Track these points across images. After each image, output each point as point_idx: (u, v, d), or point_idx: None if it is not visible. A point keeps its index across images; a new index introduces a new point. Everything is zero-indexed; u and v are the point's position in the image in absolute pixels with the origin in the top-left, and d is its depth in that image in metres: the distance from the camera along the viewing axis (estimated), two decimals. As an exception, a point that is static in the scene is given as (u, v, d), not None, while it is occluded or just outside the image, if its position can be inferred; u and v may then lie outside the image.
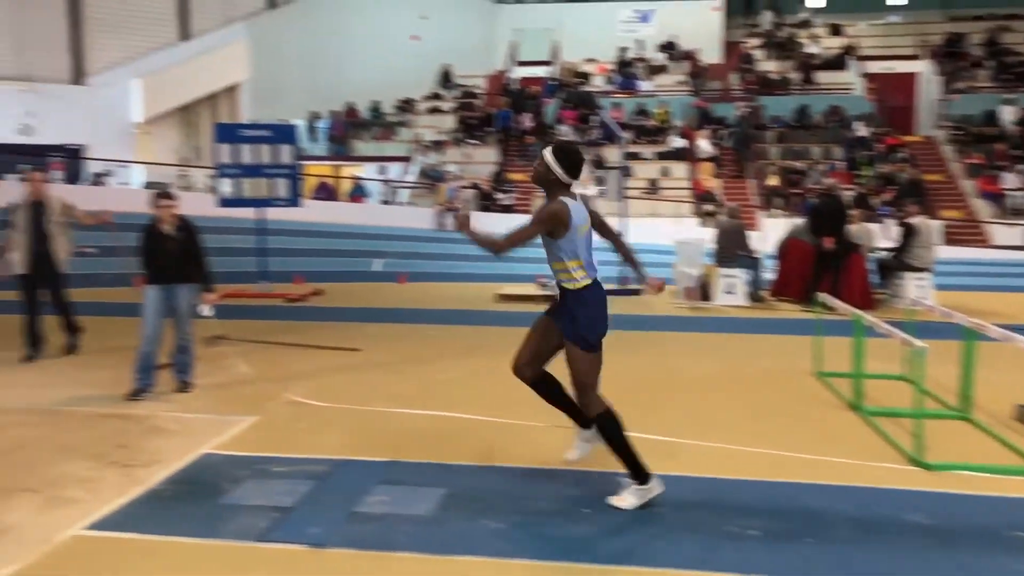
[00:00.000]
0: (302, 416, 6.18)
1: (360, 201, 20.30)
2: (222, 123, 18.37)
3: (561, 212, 4.24)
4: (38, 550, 3.82)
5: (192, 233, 6.80)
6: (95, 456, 5.14)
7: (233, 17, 22.95)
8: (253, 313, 10.87)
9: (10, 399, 6.54)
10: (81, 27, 20.86)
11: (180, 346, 6.79)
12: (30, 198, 8.10)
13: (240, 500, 4.47)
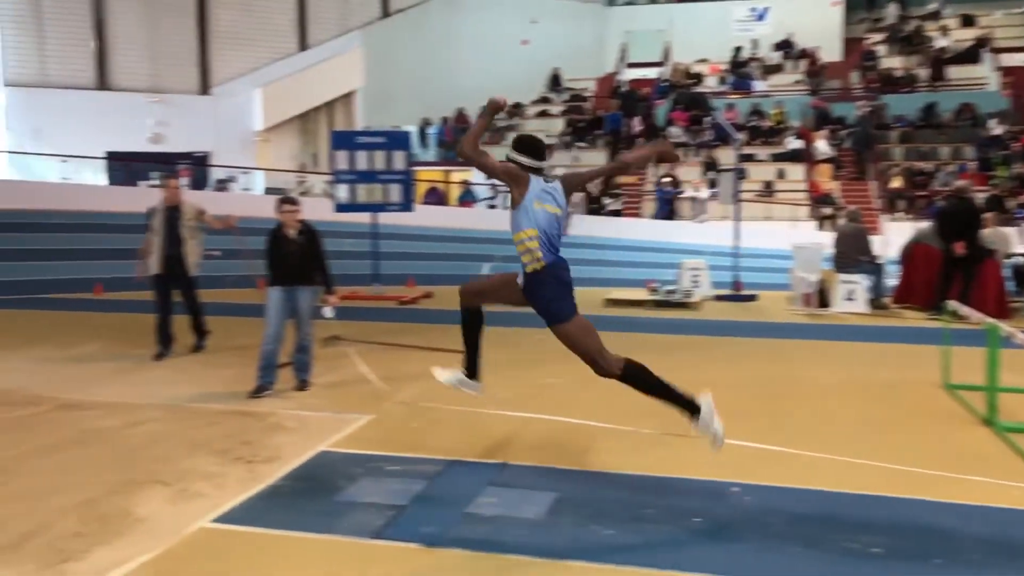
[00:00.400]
0: (414, 416, 6.29)
1: (470, 206, 20.53)
2: (338, 130, 18.93)
3: (518, 172, 4.57)
4: (169, 540, 4.02)
5: (314, 237, 7.03)
6: (220, 452, 5.37)
7: (349, 26, 23.65)
8: (367, 315, 11.14)
9: (145, 396, 6.91)
10: (208, 41, 21.92)
11: (300, 346, 7.03)
12: (166, 203, 8.59)
13: (356, 497, 4.58)
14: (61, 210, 16.64)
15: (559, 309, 4.72)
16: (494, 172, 4.66)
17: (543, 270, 4.68)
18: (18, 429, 5.92)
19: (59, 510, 4.34)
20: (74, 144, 19.23)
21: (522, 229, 4.61)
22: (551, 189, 4.66)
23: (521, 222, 4.61)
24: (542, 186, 4.63)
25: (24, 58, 19.67)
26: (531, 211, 4.58)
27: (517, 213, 4.62)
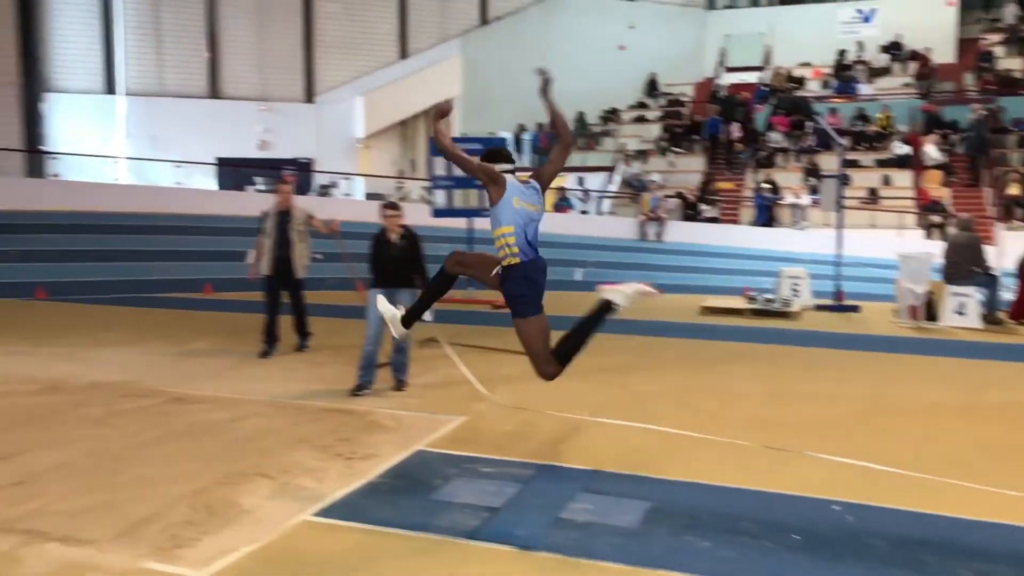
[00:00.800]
0: (507, 419, 6.34)
1: (565, 211, 20.52)
2: (436, 137, 19.26)
3: (495, 172, 4.75)
4: (273, 532, 4.16)
5: (415, 241, 7.18)
6: (322, 447, 5.52)
7: (448, 35, 24.04)
8: (460, 318, 11.29)
9: (250, 392, 7.18)
10: (313, 50, 22.64)
11: (398, 347, 7.18)
12: (278, 207, 8.94)
13: (451, 497, 4.65)
14: (174, 213, 17.46)
15: (522, 306, 4.96)
16: (472, 169, 4.76)
17: (517, 267, 4.86)
18: (134, 420, 6.23)
19: (171, 498, 4.55)
20: (187, 150, 20.16)
21: (501, 226, 4.78)
22: (529, 188, 4.89)
23: (500, 219, 4.78)
24: (520, 186, 4.83)
25: (143, 69, 20.72)
26: (510, 209, 4.77)
27: (496, 211, 4.78)
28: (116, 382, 7.41)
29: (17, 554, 3.86)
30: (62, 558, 3.82)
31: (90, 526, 4.15)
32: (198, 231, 16.99)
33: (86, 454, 5.38)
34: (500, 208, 4.77)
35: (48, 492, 4.64)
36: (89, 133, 20.21)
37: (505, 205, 4.76)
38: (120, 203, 17.47)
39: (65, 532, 4.07)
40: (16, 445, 5.51)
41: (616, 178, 22.48)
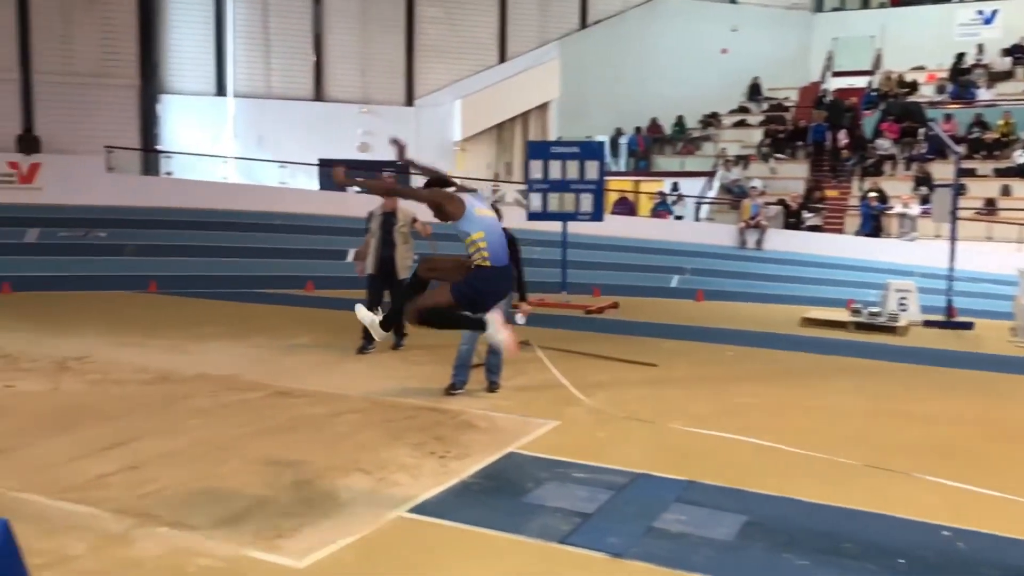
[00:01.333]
0: (600, 425, 6.29)
1: (664, 217, 20.21)
2: (534, 141, 19.31)
3: (449, 195, 4.86)
4: (369, 526, 4.24)
5: (513, 245, 7.20)
6: (416, 445, 5.61)
7: (547, 38, 24.06)
8: (553, 322, 11.28)
9: (348, 387, 7.35)
10: (414, 54, 23.02)
11: (493, 349, 7.21)
12: (384, 208, 9.19)
13: (543, 501, 4.64)
14: (278, 212, 18.06)
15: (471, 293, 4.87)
16: (423, 198, 4.89)
17: (488, 268, 4.86)
18: (240, 412, 6.46)
19: (273, 489, 4.69)
20: (291, 151, 20.78)
21: (472, 233, 4.83)
22: (479, 198, 5.04)
23: (469, 228, 4.83)
24: (472, 197, 4.96)
25: (251, 72, 21.46)
26: (475, 218, 4.85)
27: (462, 223, 4.82)
28: (222, 375, 7.70)
29: (130, 536, 4.05)
30: (171, 542, 3.98)
31: (197, 513, 4.32)
32: (301, 230, 17.53)
33: (194, 443, 5.60)
34: (465, 219, 4.82)
35: (159, 478, 4.85)
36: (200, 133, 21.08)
37: (469, 216, 4.83)
38: (228, 201, 18.17)
39: (174, 517, 4.25)
40: (131, 432, 5.79)
41: (715, 184, 22.07)
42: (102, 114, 19.31)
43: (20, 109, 18.57)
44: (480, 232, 4.82)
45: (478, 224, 4.84)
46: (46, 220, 16.07)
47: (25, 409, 6.33)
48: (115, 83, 19.60)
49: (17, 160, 17.06)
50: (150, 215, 16.92)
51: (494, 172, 24.09)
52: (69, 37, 19.04)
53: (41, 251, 15.38)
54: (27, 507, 4.33)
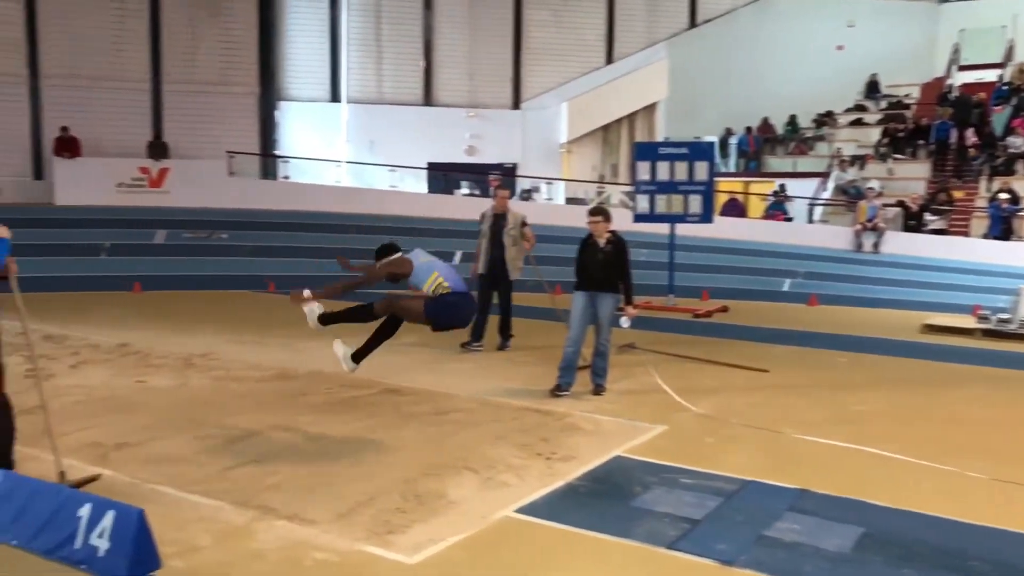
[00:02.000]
0: (709, 431, 6.19)
1: (779, 218, 19.59)
2: (641, 142, 19.14)
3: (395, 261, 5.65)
4: (477, 525, 4.31)
5: (622, 248, 7.18)
6: (522, 446, 5.65)
7: (655, 39, 23.80)
8: (660, 325, 11.15)
9: (453, 387, 7.47)
10: (521, 58, 23.18)
11: (598, 351, 7.21)
12: (495, 210, 9.36)
13: (650, 506, 4.61)
14: (387, 214, 18.51)
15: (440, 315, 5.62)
16: (378, 277, 5.68)
17: (449, 293, 5.59)
18: (350, 409, 6.67)
19: (384, 486, 4.82)
20: (401, 155, 21.26)
21: (427, 278, 5.58)
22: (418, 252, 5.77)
23: (425, 277, 5.57)
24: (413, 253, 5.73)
25: (364, 78, 22.07)
26: (424, 266, 5.62)
27: (414, 278, 5.59)
28: (334, 372, 7.92)
29: (252, 528, 4.23)
30: (289, 535, 4.15)
31: (313, 507, 4.48)
32: (409, 232, 17.89)
33: (309, 439, 5.81)
34: (416, 274, 5.59)
35: (278, 472, 5.06)
36: (315, 138, 21.83)
37: (419, 269, 5.60)
38: (341, 204, 18.75)
39: (292, 511, 4.42)
40: (252, 426, 6.05)
41: (829, 185, 21.33)
42: (225, 121, 20.28)
43: (150, 117, 19.69)
44: (435, 273, 5.58)
45: (428, 269, 5.60)
46: (173, 222, 16.96)
47: (155, 404, 6.70)
48: (237, 91, 20.53)
49: (148, 165, 18.07)
50: (268, 217, 17.64)
51: (600, 174, 23.99)
52: (195, 48, 20.07)
53: (168, 252, 16.24)
54: (159, 498, 4.59)
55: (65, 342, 9.29)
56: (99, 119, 18.83)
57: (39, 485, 4.10)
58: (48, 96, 18.74)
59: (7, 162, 18.03)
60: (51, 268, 13.58)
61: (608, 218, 7.29)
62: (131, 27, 19.50)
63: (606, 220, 7.24)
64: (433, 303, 5.57)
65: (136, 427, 6.02)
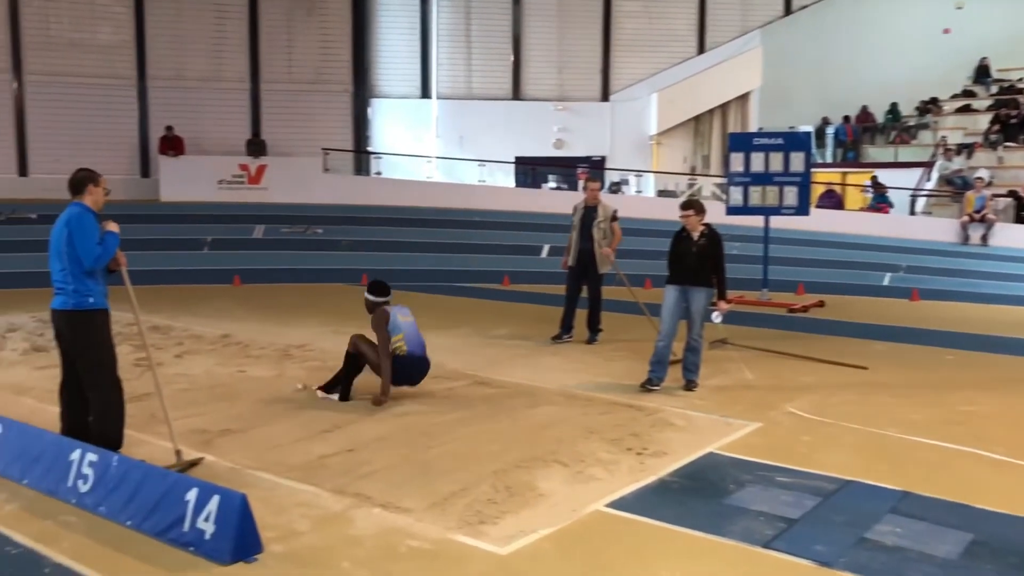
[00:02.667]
0: (805, 429, 6.03)
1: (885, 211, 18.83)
2: (735, 133, 18.74)
3: (380, 317, 6.59)
4: (567, 518, 4.31)
5: (715, 242, 7.05)
6: (612, 441, 5.62)
7: (748, 27, 23.25)
8: (753, 320, 10.92)
9: (543, 380, 7.48)
10: (611, 49, 22.99)
11: (690, 346, 7.10)
12: (586, 203, 9.34)
13: (744, 504, 4.52)
14: (476, 208, 18.67)
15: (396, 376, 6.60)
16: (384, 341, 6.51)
17: (404, 356, 6.55)
18: (442, 400, 6.75)
19: (476, 476, 4.87)
20: (490, 149, 21.39)
21: (394, 336, 6.51)
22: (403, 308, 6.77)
23: (393, 333, 6.52)
24: (399, 310, 6.67)
25: (454, 74, 22.29)
26: (398, 324, 6.57)
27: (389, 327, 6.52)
28: (426, 364, 8.05)
29: (349, 515, 4.34)
30: (384, 523, 4.23)
31: (407, 495, 4.56)
32: (497, 226, 18.02)
33: (402, 428, 5.91)
34: (391, 326, 6.53)
35: (372, 460, 5.17)
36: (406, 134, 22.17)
37: (394, 323, 6.55)
38: (431, 199, 19.01)
39: (387, 499, 4.51)
40: (347, 416, 6.20)
41: (933, 175, 20.44)
42: (319, 118, 20.82)
43: (249, 116, 20.36)
44: (400, 335, 6.52)
45: (399, 329, 6.54)
46: (270, 217, 17.51)
47: (255, 392, 6.93)
48: (331, 89, 21.04)
49: (247, 163, 18.70)
50: (361, 212, 18.02)
51: (691, 166, 23.61)
52: (291, 48, 20.65)
53: (266, 246, 16.77)
54: (260, 483, 4.75)
55: (170, 333, 9.71)
56: (201, 119, 19.61)
57: (150, 469, 4.29)
58: (154, 97, 19.60)
59: (117, 161, 18.91)
60: (156, 262, 14.22)
61: (700, 211, 7.16)
62: (231, 29, 20.21)
63: (698, 213, 7.11)
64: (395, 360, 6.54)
65: (237, 415, 6.24)
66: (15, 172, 18.62)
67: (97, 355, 5.14)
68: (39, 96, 18.74)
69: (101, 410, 5.15)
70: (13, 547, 3.96)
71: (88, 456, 4.48)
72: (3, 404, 6.28)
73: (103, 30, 19.27)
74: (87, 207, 5.13)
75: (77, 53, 19.02)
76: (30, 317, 10.61)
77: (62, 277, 5.06)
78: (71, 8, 18.90)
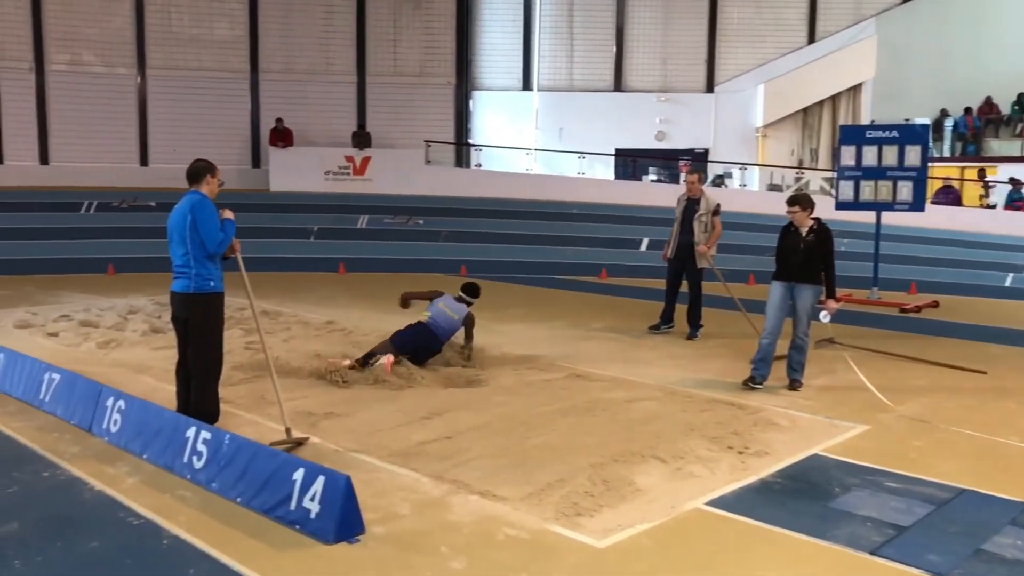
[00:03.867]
0: (917, 434, 5.78)
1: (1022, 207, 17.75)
2: (846, 125, 18.08)
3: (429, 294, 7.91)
4: (666, 514, 4.26)
5: (824, 238, 6.83)
6: (712, 438, 5.52)
7: (863, 15, 22.37)
8: (862, 319, 10.53)
9: (642, 375, 7.40)
10: (716, 39, 22.50)
11: (796, 344, 6.90)
12: (688, 195, 9.24)
13: (851, 508, 4.37)
14: (575, 201, 18.62)
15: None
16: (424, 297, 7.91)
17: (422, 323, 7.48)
18: (540, 391, 6.77)
19: (573, 468, 4.86)
20: (590, 141, 21.29)
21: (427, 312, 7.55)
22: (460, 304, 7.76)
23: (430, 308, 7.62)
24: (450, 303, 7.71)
25: (555, 66, 22.25)
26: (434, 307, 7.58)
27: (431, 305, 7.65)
28: (523, 355, 8.10)
29: (447, 501, 4.40)
30: (482, 510, 4.27)
31: (504, 484, 4.59)
32: (596, 219, 17.93)
33: (500, 418, 5.96)
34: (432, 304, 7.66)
35: (470, 449, 5.23)
36: (506, 127, 22.28)
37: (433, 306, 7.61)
38: (530, 191, 19.07)
39: (484, 487, 4.55)
40: (445, 404, 6.29)
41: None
42: (422, 111, 21.16)
43: (355, 108, 20.85)
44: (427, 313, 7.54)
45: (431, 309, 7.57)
46: (374, 208, 17.91)
47: (358, 377, 7.09)
48: (434, 82, 21.34)
49: (352, 154, 19.17)
50: (461, 204, 18.24)
51: (798, 158, 22.93)
52: (397, 42, 21.04)
53: (369, 236, 17.16)
54: (362, 466, 4.88)
55: (279, 318, 10.06)
56: (309, 111, 20.21)
57: (260, 448, 4.45)
58: (265, 90, 20.29)
59: (230, 151, 19.67)
60: (265, 250, 14.73)
61: (807, 206, 6.92)
62: (339, 23, 20.72)
63: (804, 208, 6.89)
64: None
65: (341, 399, 6.41)
66: (137, 162, 19.60)
67: (211, 335, 5.39)
68: (159, 89, 19.67)
69: (202, 385, 5.43)
70: (136, 518, 4.18)
71: (202, 434, 4.69)
72: (125, 382, 6.63)
73: (220, 25, 20.06)
74: (205, 195, 5.38)
75: (195, 48, 19.88)
76: (149, 300, 11.18)
77: (184, 261, 5.31)
78: (191, 4, 19.74)
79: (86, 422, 5.55)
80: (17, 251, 14.90)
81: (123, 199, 17.47)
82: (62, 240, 15.60)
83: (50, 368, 6.22)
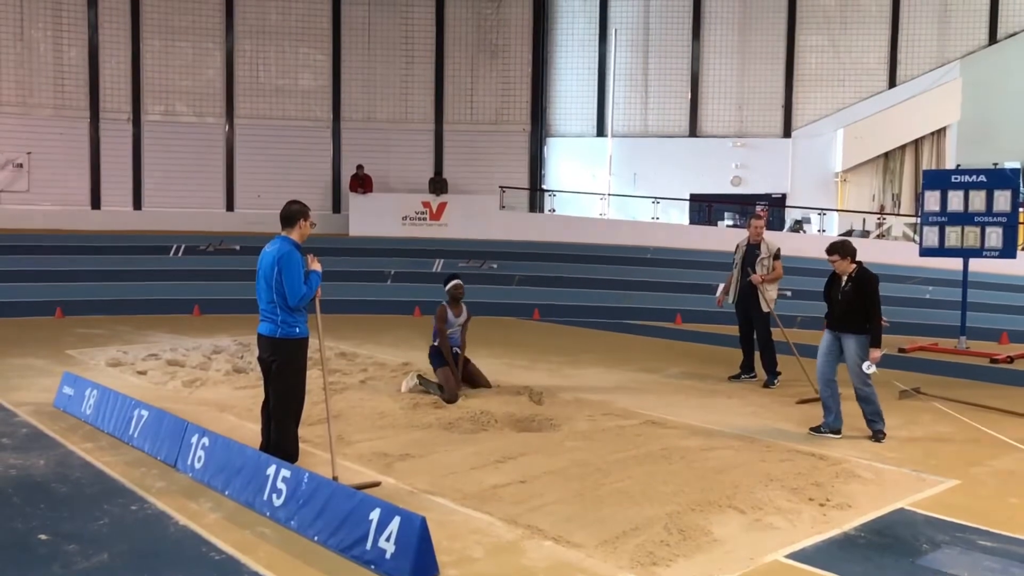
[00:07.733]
0: (1013, 490, 5.52)
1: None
2: (930, 170, 17.64)
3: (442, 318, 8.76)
4: (745, 566, 4.15)
5: (861, 285, 6.63)
6: (792, 489, 5.37)
7: (947, 58, 21.92)
8: (950, 370, 10.16)
9: (719, 423, 7.27)
10: (794, 84, 22.32)
11: (858, 395, 6.71)
12: (750, 240, 9.13)
13: (940, 566, 4.19)
14: (650, 246, 18.54)
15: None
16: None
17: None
18: (615, 437, 6.71)
19: (648, 516, 4.79)
20: (664, 186, 21.23)
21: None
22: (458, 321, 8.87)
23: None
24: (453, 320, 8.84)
25: (629, 112, 22.37)
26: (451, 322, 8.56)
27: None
28: (598, 400, 8.05)
29: (521, 545, 4.39)
30: (555, 556, 4.24)
31: (578, 530, 4.55)
32: (671, 263, 17.80)
33: (574, 464, 5.92)
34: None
35: (544, 494, 5.20)
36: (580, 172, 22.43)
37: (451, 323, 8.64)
38: (604, 236, 19.08)
39: (558, 532, 4.52)
40: (520, 448, 6.29)
41: None
42: (497, 157, 21.47)
43: (432, 155, 21.30)
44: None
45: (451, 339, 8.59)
46: (449, 252, 18.15)
47: (433, 420, 7.16)
48: (509, 129, 21.68)
49: (429, 200, 19.53)
50: (535, 248, 18.35)
51: (879, 204, 22.41)
52: (473, 90, 21.49)
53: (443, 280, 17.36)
54: (436, 508, 4.90)
55: (356, 359, 10.24)
56: (388, 158, 20.73)
57: (337, 488, 4.52)
58: (346, 138, 20.91)
59: (312, 197, 20.22)
60: (344, 292, 15.05)
61: (847, 254, 6.72)
62: (418, 73, 21.28)
63: (844, 256, 6.71)
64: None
65: (416, 440, 6.47)
66: (223, 207, 20.35)
67: (292, 378, 5.53)
68: (246, 137, 20.45)
69: (283, 427, 5.54)
70: (217, 553, 4.28)
71: (282, 472, 4.79)
72: (208, 419, 6.83)
73: (304, 76, 20.82)
74: (294, 242, 5.52)
75: (281, 98, 20.65)
76: (232, 340, 11.51)
77: (270, 308, 5.49)
78: (278, 57, 20.58)
79: (172, 458, 5.74)
80: (111, 292, 15.55)
81: (209, 243, 18.12)
82: (152, 282, 16.23)
83: (139, 405, 6.46)
